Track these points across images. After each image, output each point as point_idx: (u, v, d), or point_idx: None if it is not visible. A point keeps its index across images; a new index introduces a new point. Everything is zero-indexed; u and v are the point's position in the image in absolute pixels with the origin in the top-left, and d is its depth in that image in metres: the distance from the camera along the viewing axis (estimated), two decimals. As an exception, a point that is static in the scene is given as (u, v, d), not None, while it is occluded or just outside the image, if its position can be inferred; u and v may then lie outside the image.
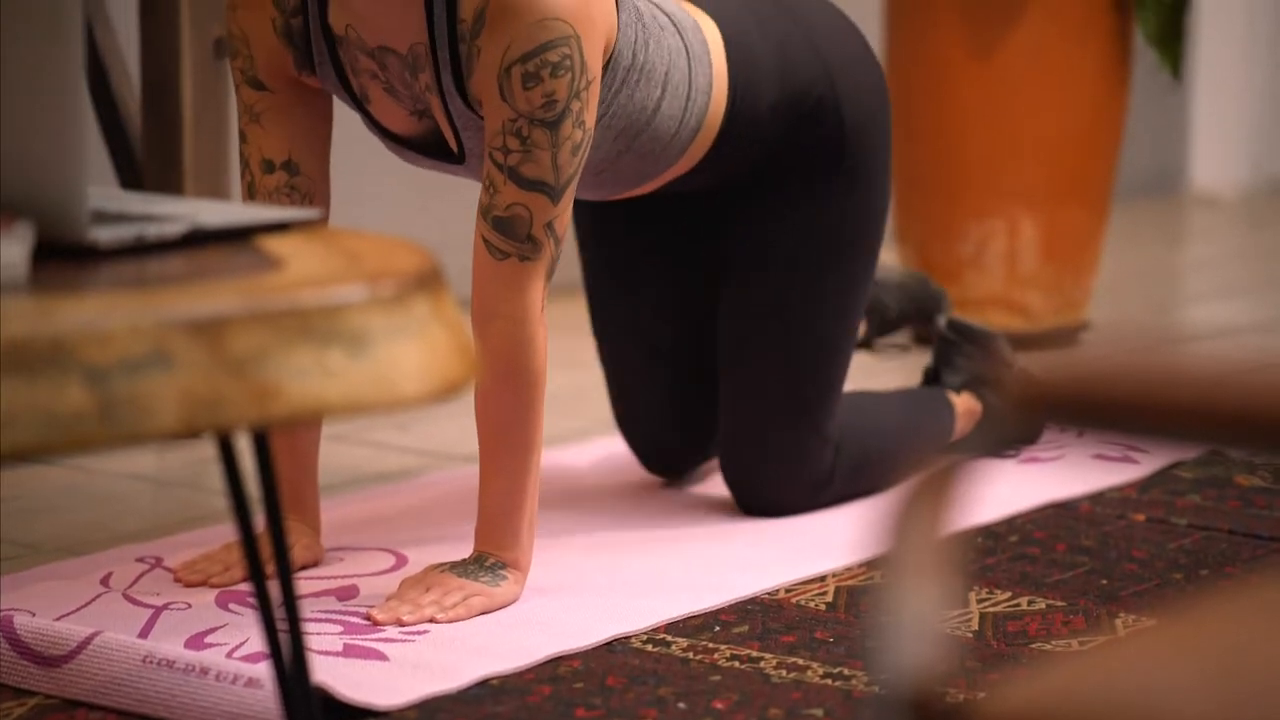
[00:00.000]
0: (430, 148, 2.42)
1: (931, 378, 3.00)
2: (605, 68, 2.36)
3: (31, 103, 1.48)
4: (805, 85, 2.59)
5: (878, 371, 3.52)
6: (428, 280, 1.47)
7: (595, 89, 2.30)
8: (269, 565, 2.30)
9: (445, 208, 4.09)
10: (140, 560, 2.50)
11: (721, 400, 2.71)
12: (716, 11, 2.57)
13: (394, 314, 1.43)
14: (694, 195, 2.74)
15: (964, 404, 2.93)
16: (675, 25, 2.48)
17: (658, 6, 2.48)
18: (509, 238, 2.30)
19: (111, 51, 3.18)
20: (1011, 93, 3.73)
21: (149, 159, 3.06)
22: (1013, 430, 1.18)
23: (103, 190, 1.69)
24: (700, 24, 2.53)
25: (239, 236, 1.59)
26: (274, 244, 1.57)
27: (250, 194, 2.41)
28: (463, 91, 2.31)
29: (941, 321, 3.01)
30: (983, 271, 3.78)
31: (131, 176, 3.17)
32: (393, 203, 3.99)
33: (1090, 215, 3.81)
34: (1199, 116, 5.73)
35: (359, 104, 2.41)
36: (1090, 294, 3.86)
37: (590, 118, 2.30)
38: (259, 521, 2.60)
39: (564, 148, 2.28)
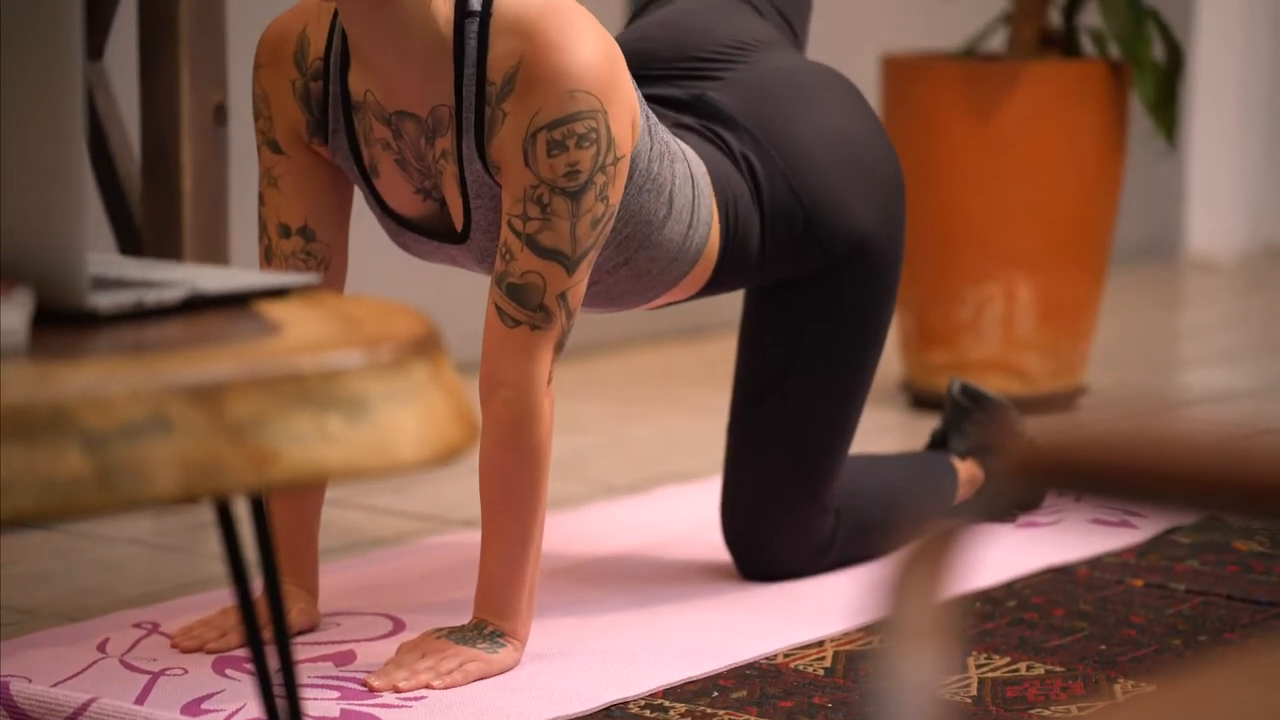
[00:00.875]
0: (431, 229, 2.42)
1: (938, 441, 3.00)
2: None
3: (32, 169, 1.48)
4: (788, 223, 2.57)
5: (876, 431, 3.52)
6: (427, 345, 1.47)
7: (624, 167, 2.29)
8: (266, 630, 2.29)
9: (445, 270, 4.09)
10: (137, 626, 2.50)
11: (725, 467, 2.71)
12: (700, 150, 2.55)
13: (392, 379, 1.43)
14: None
15: (967, 470, 2.93)
16: (684, 155, 2.48)
17: (672, 136, 2.48)
18: (521, 305, 2.29)
19: (111, 117, 3.19)
20: (1008, 157, 3.74)
21: (148, 224, 3.07)
22: (1013, 496, 1.19)
23: (102, 256, 1.69)
24: (702, 161, 2.52)
25: (238, 302, 1.59)
26: (273, 309, 1.57)
27: (267, 258, 2.41)
28: (483, 155, 2.31)
29: (955, 386, 3.00)
30: (980, 335, 3.79)
31: (131, 242, 3.17)
32: (392, 265, 4.00)
33: (1087, 279, 3.82)
34: (1195, 181, 5.75)
35: (366, 178, 2.40)
36: (1088, 358, 3.87)
37: (615, 195, 2.30)
38: (256, 586, 2.59)
39: (584, 219, 2.28)
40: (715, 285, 2.56)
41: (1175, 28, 5.50)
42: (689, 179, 2.46)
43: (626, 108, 2.30)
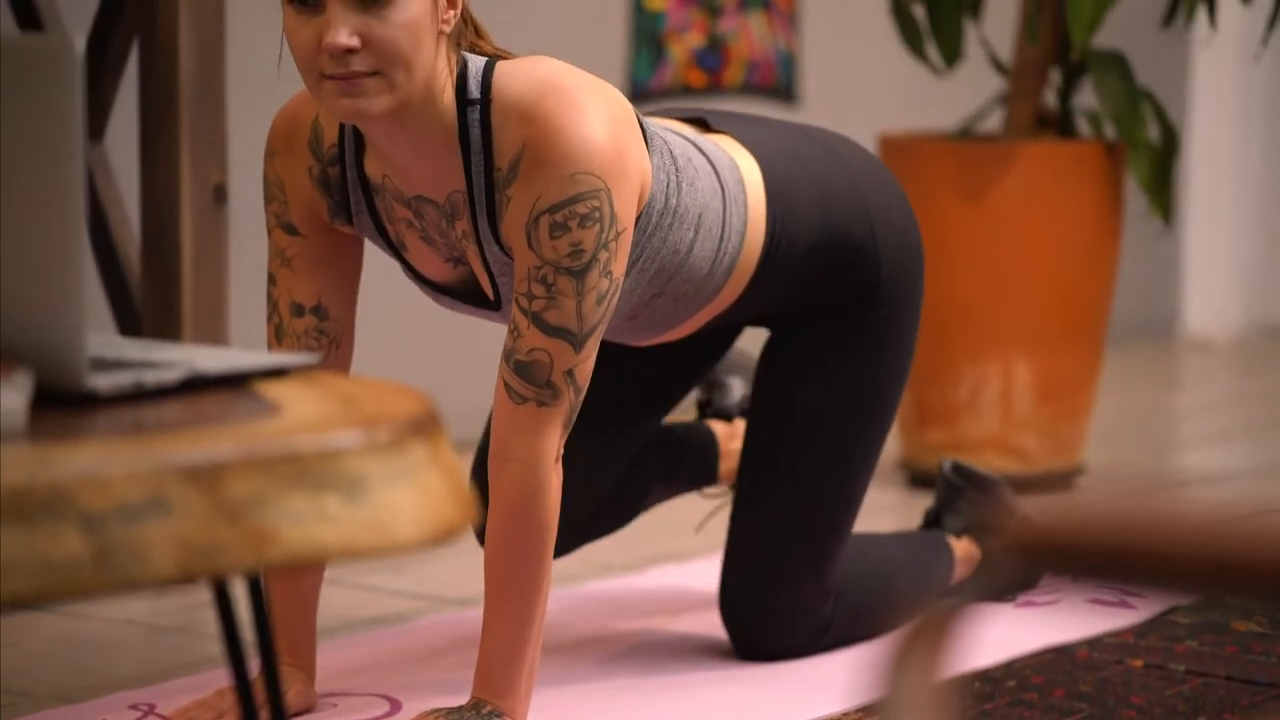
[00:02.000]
0: (468, 295, 2.44)
1: (932, 520, 3.00)
2: (638, 216, 2.37)
3: (32, 251, 1.49)
4: (845, 229, 2.58)
5: (875, 510, 3.52)
6: (425, 425, 1.47)
7: (626, 239, 2.31)
8: (263, 711, 2.29)
9: (444, 348, 4.10)
10: (134, 707, 2.49)
11: (727, 546, 2.70)
12: (759, 148, 2.56)
13: (391, 459, 1.43)
14: (721, 333, 2.75)
15: (964, 549, 2.93)
16: (712, 164, 2.48)
17: (694, 145, 2.48)
18: (529, 382, 2.30)
19: (111, 197, 3.20)
20: (1004, 236, 3.76)
21: (147, 304, 3.08)
22: (1010, 576, 1.19)
23: (102, 337, 1.70)
24: (739, 162, 2.53)
25: (237, 382, 1.60)
26: (271, 389, 1.57)
27: (278, 336, 2.42)
28: (498, 237, 2.33)
29: (946, 465, 3.00)
30: (978, 414, 3.79)
31: (130, 321, 3.18)
32: (391, 343, 4.01)
33: (1084, 358, 3.83)
34: (1191, 261, 5.77)
35: (396, 251, 2.43)
36: (1085, 437, 3.87)
37: (619, 268, 2.31)
38: (253, 667, 2.59)
39: (589, 296, 2.29)
40: (753, 291, 2.55)
41: (1170, 108, 5.53)
42: (716, 190, 2.47)
43: (632, 180, 2.32)
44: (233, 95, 3.41)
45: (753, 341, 2.82)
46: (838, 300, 2.61)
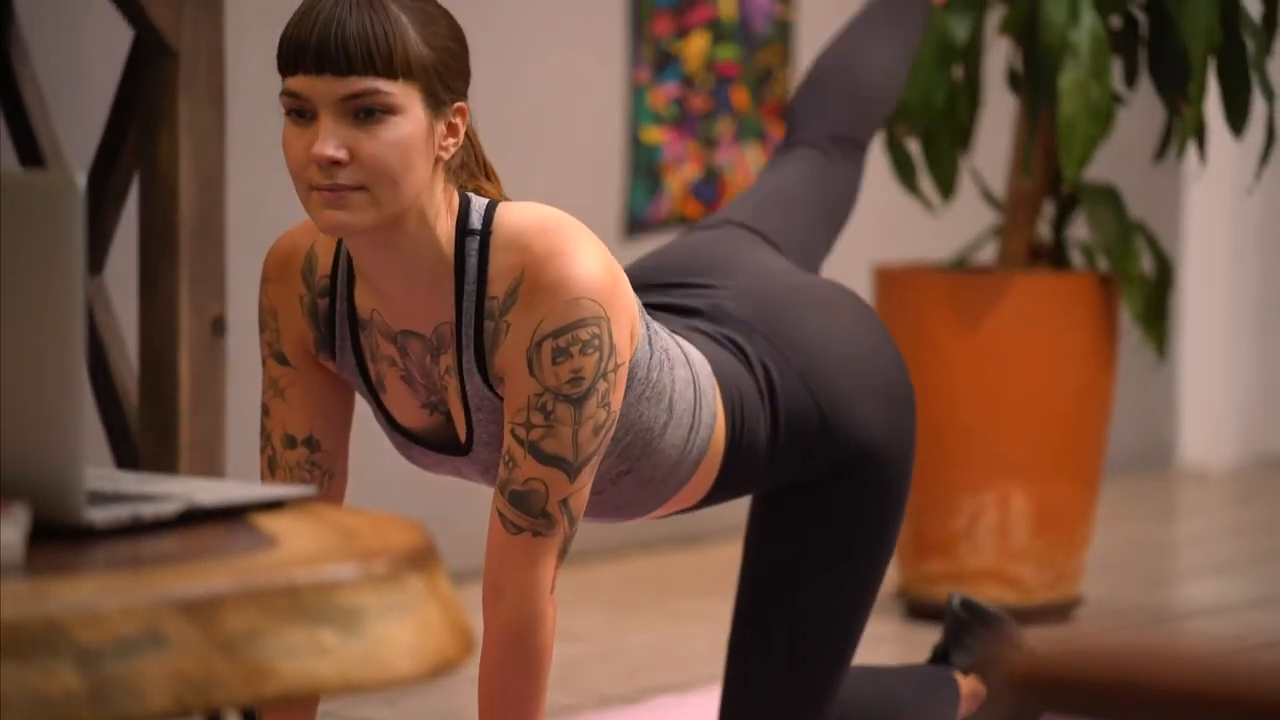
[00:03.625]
0: (437, 442, 2.43)
1: (940, 656, 2.98)
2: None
3: (31, 385, 1.49)
4: (800, 422, 2.57)
5: (872, 641, 3.50)
6: (422, 557, 1.47)
7: (623, 374, 2.31)
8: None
9: (439, 479, 4.09)
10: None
11: (725, 677, 2.69)
12: (706, 351, 2.56)
13: (387, 592, 1.43)
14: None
15: (969, 685, 2.91)
16: (686, 357, 2.49)
17: (674, 339, 2.50)
18: (524, 512, 2.30)
19: (110, 330, 3.21)
20: (1000, 368, 3.77)
21: (145, 436, 3.08)
22: (1016, 711, 1.18)
23: (99, 471, 1.70)
24: (705, 362, 2.53)
25: (234, 515, 1.60)
26: (269, 521, 1.57)
27: (271, 468, 2.42)
28: (483, 369, 2.33)
29: (955, 600, 2.99)
30: (975, 545, 3.79)
31: (127, 453, 3.18)
32: (388, 474, 4.00)
33: (1081, 490, 3.83)
34: (1187, 392, 5.78)
35: (373, 392, 2.42)
36: (1083, 568, 3.86)
37: (615, 401, 2.31)
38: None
39: (586, 426, 2.29)
40: (721, 489, 2.55)
41: (1163, 240, 5.56)
42: (690, 382, 2.47)
43: (626, 317, 2.33)
44: (232, 228, 3.43)
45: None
46: (814, 477, 2.59)
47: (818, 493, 2.61)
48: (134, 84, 3.12)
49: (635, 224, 4.53)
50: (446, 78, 2.25)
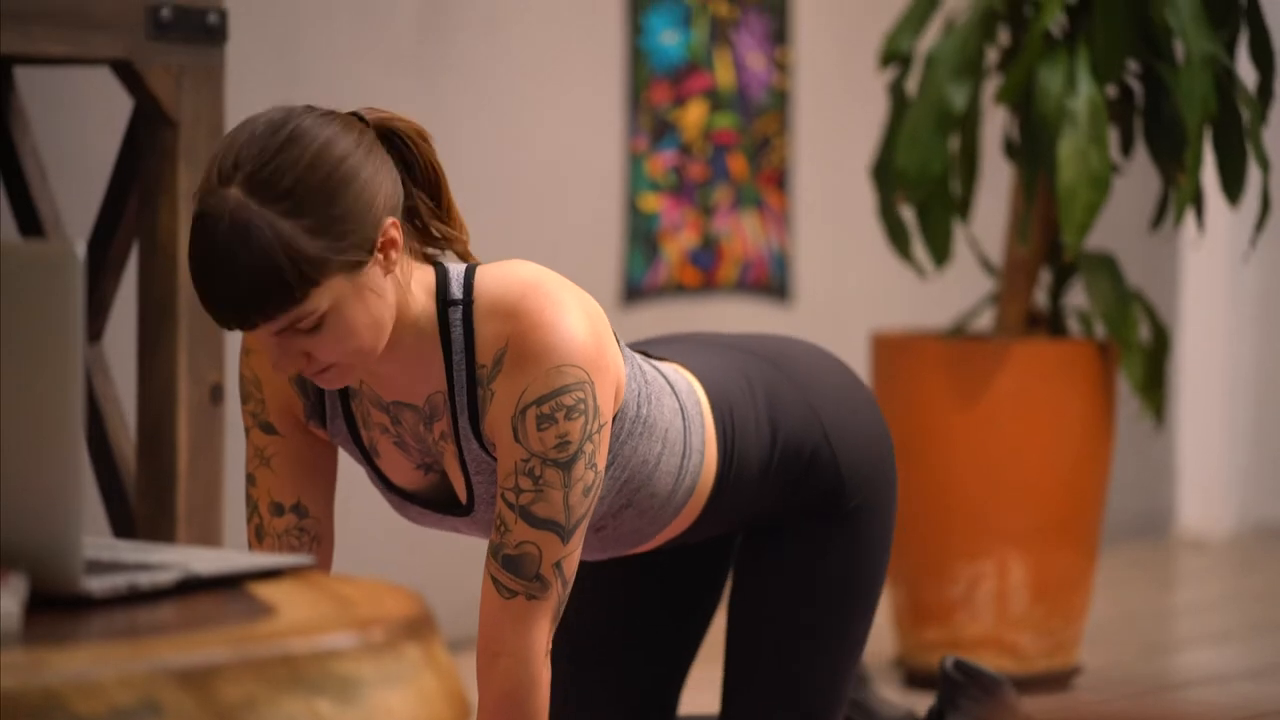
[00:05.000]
0: (435, 502, 2.44)
1: (934, 718, 2.98)
2: (615, 417, 2.39)
3: (30, 454, 1.49)
4: (798, 442, 2.59)
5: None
6: (418, 626, 1.47)
7: (607, 433, 2.33)
8: None
9: (434, 543, 4.09)
10: None
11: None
12: (702, 373, 2.58)
13: (384, 661, 1.43)
14: (692, 545, 2.74)
15: (963, 748, 2.91)
16: (671, 386, 2.51)
17: (656, 369, 2.52)
18: (517, 576, 2.30)
19: (109, 398, 3.21)
20: (997, 435, 3.77)
21: (142, 503, 3.08)
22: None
23: (96, 540, 1.70)
24: (693, 386, 2.55)
25: (231, 583, 1.60)
26: (266, 590, 1.57)
27: (258, 536, 2.42)
28: (478, 434, 2.34)
29: (948, 662, 2.99)
30: (973, 613, 3.78)
31: (125, 521, 3.18)
32: (383, 540, 4.00)
33: (1079, 558, 3.82)
34: (1185, 460, 5.78)
35: (367, 457, 2.43)
36: (1081, 636, 3.86)
37: (602, 460, 2.33)
38: None
39: (576, 488, 2.30)
40: (712, 510, 2.55)
41: (1160, 308, 5.57)
42: (678, 411, 2.49)
43: (611, 374, 2.34)
44: (230, 295, 3.43)
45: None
46: (803, 507, 2.61)
47: (798, 540, 2.62)
48: (134, 154, 3.13)
49: (633, 291, 4.54)
50: (350, 241, 2.20)
